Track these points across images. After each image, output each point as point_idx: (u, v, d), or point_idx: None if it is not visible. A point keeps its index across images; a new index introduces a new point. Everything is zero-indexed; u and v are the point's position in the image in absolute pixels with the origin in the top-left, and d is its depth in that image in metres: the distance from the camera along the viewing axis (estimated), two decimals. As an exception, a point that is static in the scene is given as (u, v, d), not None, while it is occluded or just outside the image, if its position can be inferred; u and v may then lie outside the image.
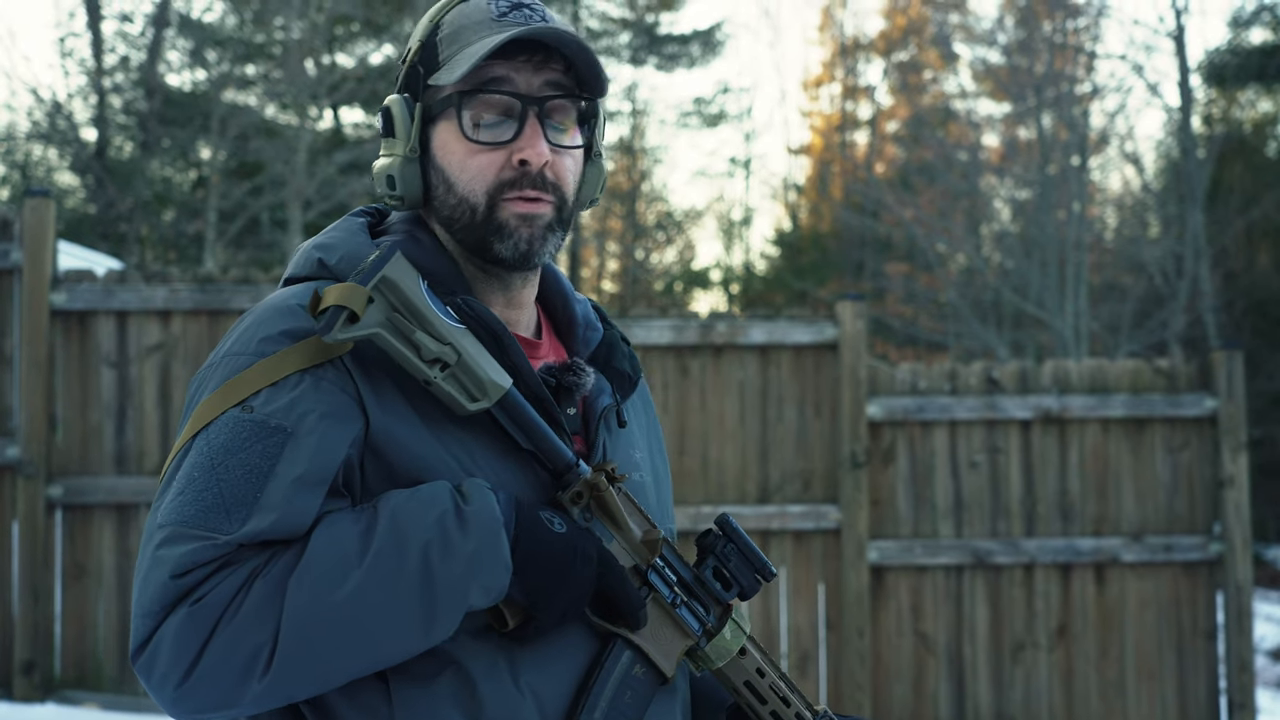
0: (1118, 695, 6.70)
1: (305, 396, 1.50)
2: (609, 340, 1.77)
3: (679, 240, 27.49)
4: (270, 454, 1.47)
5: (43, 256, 6.41)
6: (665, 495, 1.81)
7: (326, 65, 19.12)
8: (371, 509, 1.47)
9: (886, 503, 6.74)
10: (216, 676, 1.41)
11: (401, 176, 1.65)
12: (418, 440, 1.52)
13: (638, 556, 1.60)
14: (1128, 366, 6.89)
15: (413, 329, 1.50)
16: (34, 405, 6.33)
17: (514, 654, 1.52)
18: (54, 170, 18.52)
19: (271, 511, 1.45)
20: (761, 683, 1.66)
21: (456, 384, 1.51)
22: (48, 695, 6.25)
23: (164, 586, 1.43)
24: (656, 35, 25.73)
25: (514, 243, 1.61)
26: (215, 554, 1.44)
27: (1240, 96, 22.00)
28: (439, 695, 1.49)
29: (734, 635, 1.64)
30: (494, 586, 1.47)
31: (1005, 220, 19.94)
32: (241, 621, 1.41)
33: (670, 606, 1.60)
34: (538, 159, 1.60)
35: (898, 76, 23.61)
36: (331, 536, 1.45)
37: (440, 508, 1.46)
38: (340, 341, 1.48)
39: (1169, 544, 6.72)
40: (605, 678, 1.55)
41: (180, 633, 1.42)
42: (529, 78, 1.61)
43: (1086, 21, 18.17)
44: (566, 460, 1.55)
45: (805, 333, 6.76)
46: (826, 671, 6.67)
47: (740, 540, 1.65)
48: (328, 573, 1.43)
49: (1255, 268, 21.15)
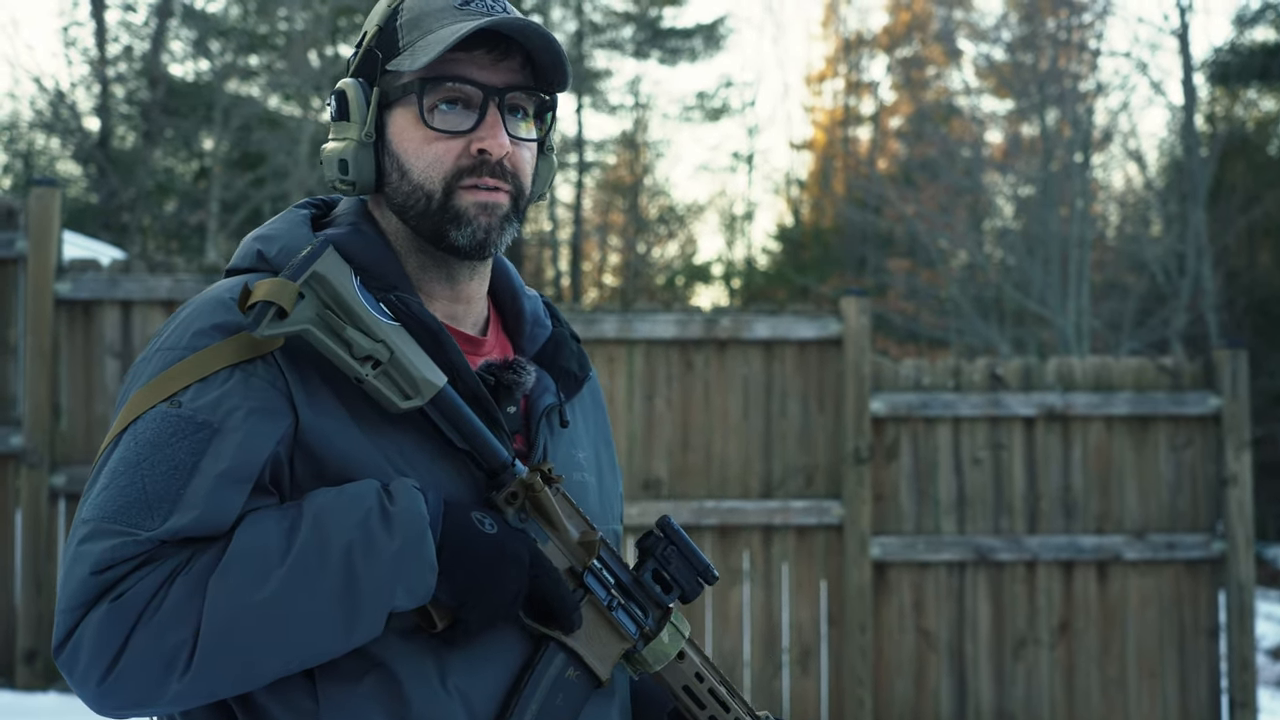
0: (1119, 693, 6.70)
1: (233, 392, 1.48)
2: (556, 338, 1.74)
3: (681, 234, 27.50)
4: (195, 450, 1.45)
5: (48, 246, 6.41)
6: (610, 496, 1.78)
7: (329, 56, 19.11)
8: (297, 507, 1.46)
9: (889, 498, 6.74)
10: (137, 674, 1.40)
11: (355, 161, 1.62)
12: (349, 439, 1.51)
13: (574, 558, 1.57)
14: (1132, 364, 6.89)
15: (344, 325, 1.48)
16: (38, 394, 6.33)
17: (443, 656, 1.50)
18: (56, 159, 18.52)
19: (193, 508, 1.43)
20: (700, 687, 1.63)
21: (389, 381, 1.49)
22: (50, 684, 6.26)
23: (84, 582, 1.42)
24: (660, 29, 25.72)
25: (471, 230, 1.59)
26: (136, 550, 1.42)
27: (1243, 95, 21.99)
28: (365, 695, 1.47)
29: (672, 639, 1.61)
30: (418, 587, 1.45)
31: (1008, 217, 19.93)
32: (162, 619, 1.40)
33: (606, 609, 1.58)
34: (499, 150, 1.58)
35: (901, 72, 23.59)
36: (254, 535, 1.43)
37: (365, 507, 1.44)
38: (268, 337, 1.47)
39: (1171, 542, 6.72)
40: (537, 680, 1.53)
41: (100, 630, 1.41)
42: (490, 69, 1.60)
43: (1091, 18, 18.15)
44: (501, 460, 1.53)
45: (809, 328, 6.75)
46: (828, 667, 6.68)
47: (681, 542, 1.62)
48: (249, 571, 1.41)
49: (1257, 266, 21.15)
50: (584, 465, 1.72)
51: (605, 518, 1.74)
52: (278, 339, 1.49)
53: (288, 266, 1.50)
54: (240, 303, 1.48)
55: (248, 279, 1.54)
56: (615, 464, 1.84)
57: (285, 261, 1.56)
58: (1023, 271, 17.54)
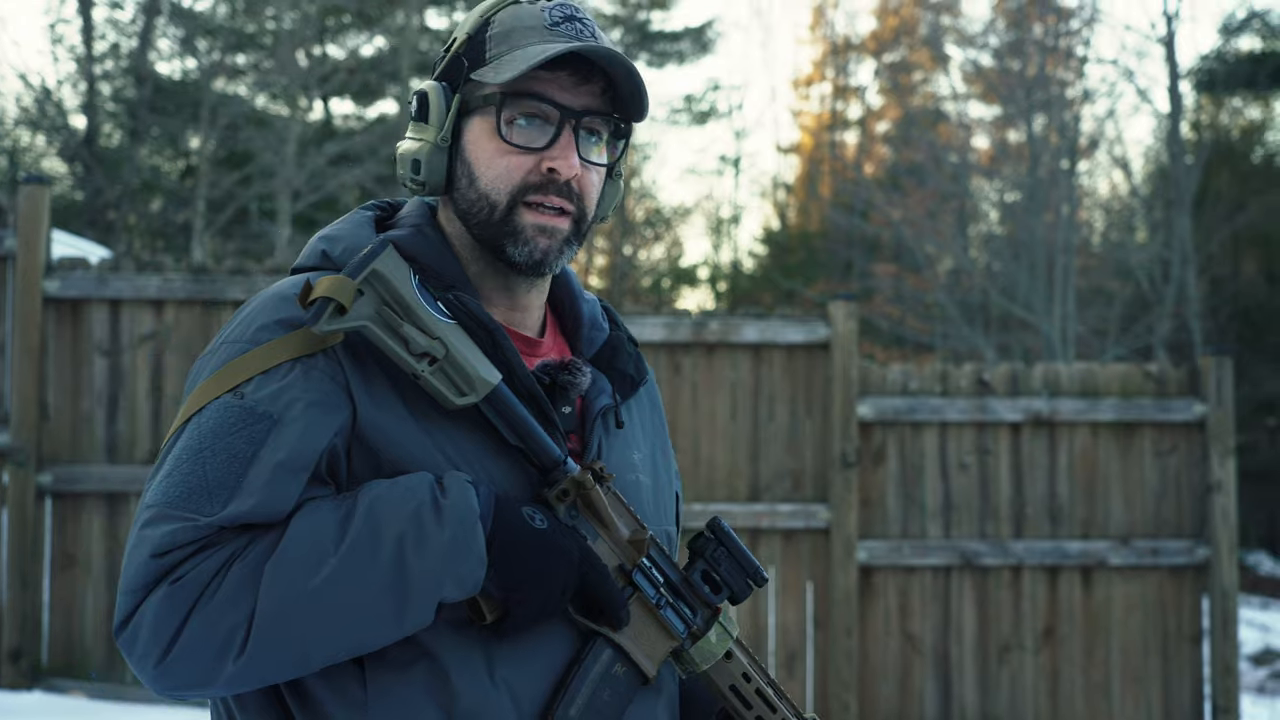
0: (1103, 698, 6.73)
1: (294, 385, 1.52)
2: (613, 341, 1.77)
3: (667, 237, 27.49)
4: (255, 440, 1.49)
5: (36, 244, 6.39)
6: (666, 498, 1.80)
7: (317, 56, 19.11)
8: (352, 498, 1.49)
9: (876, 503, 6.76)
10: (193, 655, 1.44)
11: (428, 162, 1.66)
12: (405, 432, 1.54)
13: (623, 556, 1.59)
14: (1118, 370, 6.91)
15: (401, 323, 1.52)
16: (25, 393, 6.32)
17: (491, 648, 1.53)
18: (42, 157, 18.46)
19: (252, 496, 1.47)
20: (747, 687, 1.65)
21: (444, 378, 1.52)
22: (35, 683, 6.24)
23: (145, 565, 1.46)
24: (648, 32, 25.73)
25: (528, 250, 1.62)
26: (195, 535, 1.46)
27: (1229, 103, 22.08)
28: (413, 684, 1.51)
29: (719, 639, 1.63)
30: (468, 579, 1.48)
31: (994, 222, 19.99)
32: (218, 602, 1.44)
33: (654, 607, 1.60)
34: (569, 170, 1.61)
35: (888, 77, 23.63)
36: (310, 523, 1.47)
37: (418, 499, 1.48)
38: (327, 333, 1.51)
39: (1156, 548, 6.75)
40: (584, 675, 1.55)
41: (159, 611, 1.45)
42: (571, 91, 1.62)
43: (1078, 25, 18.22)
44: (554, 457, 1.56)
45: (797, 332, 6.77)
46: (814, 670, 6.69)
47: (732, 544, 1.64)
48: (304, 559, 1.45)
49: (1241, 274, 21.24)
50: (639, 466, 1.74)
51: (659, 518, 1.75)
52: (338, 334, 1.53)
53: (348, 265, 1.54)
54: (301, 298, 1.52)
55: (310, 276, 1.58)
56: (672, 466, 1.86)
57: (348, 260, 1.60)
58: (1009, 277, 17.59)
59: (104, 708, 6.04)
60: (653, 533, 1.66)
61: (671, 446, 1.91)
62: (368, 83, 19.73)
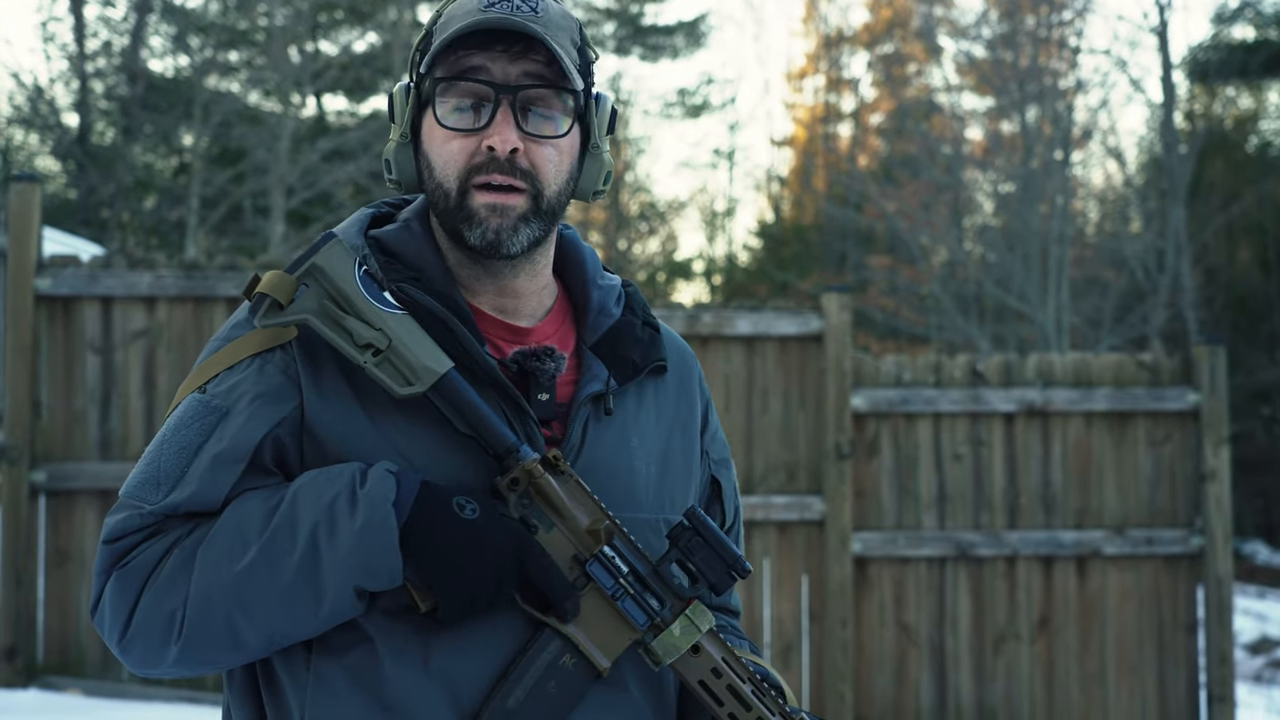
0: (1098, 687, 6.73)
1: (248, 378, 1.56)
2: (620, 326, 1.74)
3: (662, 231, 27.49)
4: (203, 432, 1.54)
5: (28, 241, 6.38)
6: (675, 486, 1.74)
7: (310, 52, 19.07)
8: (285, 488, 1.52)
9: (870, 494, 6.76)
10: (144, 636, 1.51)
11: (396, 160, 1.68)
12: (353, 424, 1.55)
13: (579, 545, 1.56)
14: (1111, 360, 6.92)
15: (344, 315, 1.53)
16: (18, 390, 6.31)
17: (429, 637, 1.52)
18: (35, 155, 18.43)
19: (190, 485, 1.52)
20: (717, 683, 1.58)
21: (390, 369, 1.52)
22: (30, 681, 6.23)
23: (101, 550, 1.54)
24: (641, 26, 25.73)
25: (481, 231, 1.60)
26: (142, 523, 1.53)
27: (1222, 92, 22.08)
28: (347, 669, 1.52)
29: (684, 631, 1.57)
30: (379, 569, 1.47)
31: (988, 214, 19.98)
32: (159, 587, 1.50)
33: (611, 598, 1.56)
34: (502, 145, 1.59)
35: (881, 69, 23.62)
36: (240, 512, 1.51)
37: (335, 489, 1.49)
38: (267, 327, 1.55)
39: (1150, 537, 6.76)
40: (527, 665, 1.52)
41: (114, 594, 1.52)
42: (505, 66, 1.60)
43: (1070, 16, 18.21)
44: (505, 445, 1.54)
45: (791, 324, 6.77)
46: (809, 662, 6.70)
47: (709, 533, 1.58)
48: (229, 546, 1.49)
49: (1235, 264, 21.26)
50: (637, 452, 1.69)
51: (658, 506, 1.70)
52: (292, 329, 1.57)
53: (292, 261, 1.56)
54: (246, 294, 1.57)
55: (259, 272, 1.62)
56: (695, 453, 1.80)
57: None
58: (1003, 268, 17.59)
59: (100, 705, 6.03)
60: (644, 521, 1.64)
61: (720, 431, 1.87)
62: (360, 79, 19.69)
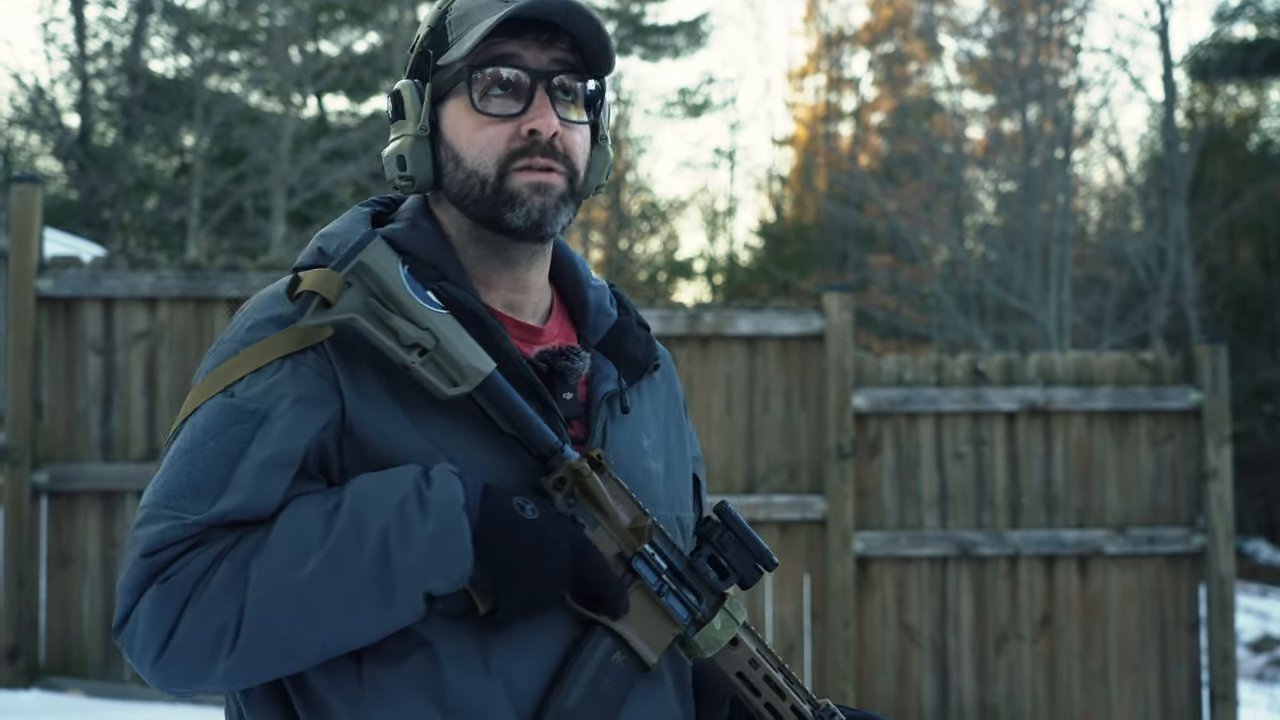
0: (1101, 686, 6.73)
1: (282, 381, 1.52)
2: (621, 326, 1.75)
3: (663, 230, 27.49)
4: (243, 437, 1.49)
5: (29, 242, 6.38)
6: (680, 483, 1.77)
7: (311, 52, 19.07)
8: (339, 492, 1.49)
9: (872, 494, 6.76)
10: (187, 653, 1.44)
11: (412, 156, 1.65)
12: (395, 426, 1.53)
13: (624, 544, 1.57)
14: (1113, 359, 6.91)
15: (390, 314, 1.51)
16: (20, 392, 6.31)
17: (487, 639, 1.51)
18: (36, 156, 18.44)
19: (239, 493, 1.47)
20: (754, 674, 1.62)
21: (435, 369, 1.51)
22: (32, 682, 6.23)
23: (137, 565, 1.47)
24: (642, 25, 25.73)
25: (526, 211, 1.60)
26: (184, 534, 1.47)
27: (1223, 91, 22.08)
28: (405, 676, 1.50)
29: (725, 625, 1.61)
30: (453, 571, 1.46)
31: (989, 212, 19.97)
32: (208, 600, 1.44)
33: (656, 595, 1.58)
34: (547, 129, 1.59)
35: (882, 68, 23.61)
36: (296, 518, 1.47)
37: (402, 491, 1.47)
38: (313, 327, 1.51)
39: (1152, 536, 6.75)
40: (582, 664, 1.53)
41: (152, 610, 1.45)
42: (536, 54, 1.62)
43: (1071, 14, 18.20)
44: (550, 445, 1.54)
45: (792, 324, 6.76)
46: (811, 662, 6.70)
47: (739, 528, 1.61)
48: (289, 554, 1.45)
49: (1237, 262, 21.26)
50: (649, 451, 1.72)
51: (671, 504, 1.72)
52: (327, 330, 1.53)
53: (336, 258, 1.54)
54: (289, 293, 1.53)
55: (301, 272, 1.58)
56: (688, 450, 1.83)
57: None
58: (1004, 267, 17.58)
59: (101, 706, 6.03)
60: (662, 518, 1.65)
61: (693, 429, 1.89)
62: (361, 79, 19.70)
